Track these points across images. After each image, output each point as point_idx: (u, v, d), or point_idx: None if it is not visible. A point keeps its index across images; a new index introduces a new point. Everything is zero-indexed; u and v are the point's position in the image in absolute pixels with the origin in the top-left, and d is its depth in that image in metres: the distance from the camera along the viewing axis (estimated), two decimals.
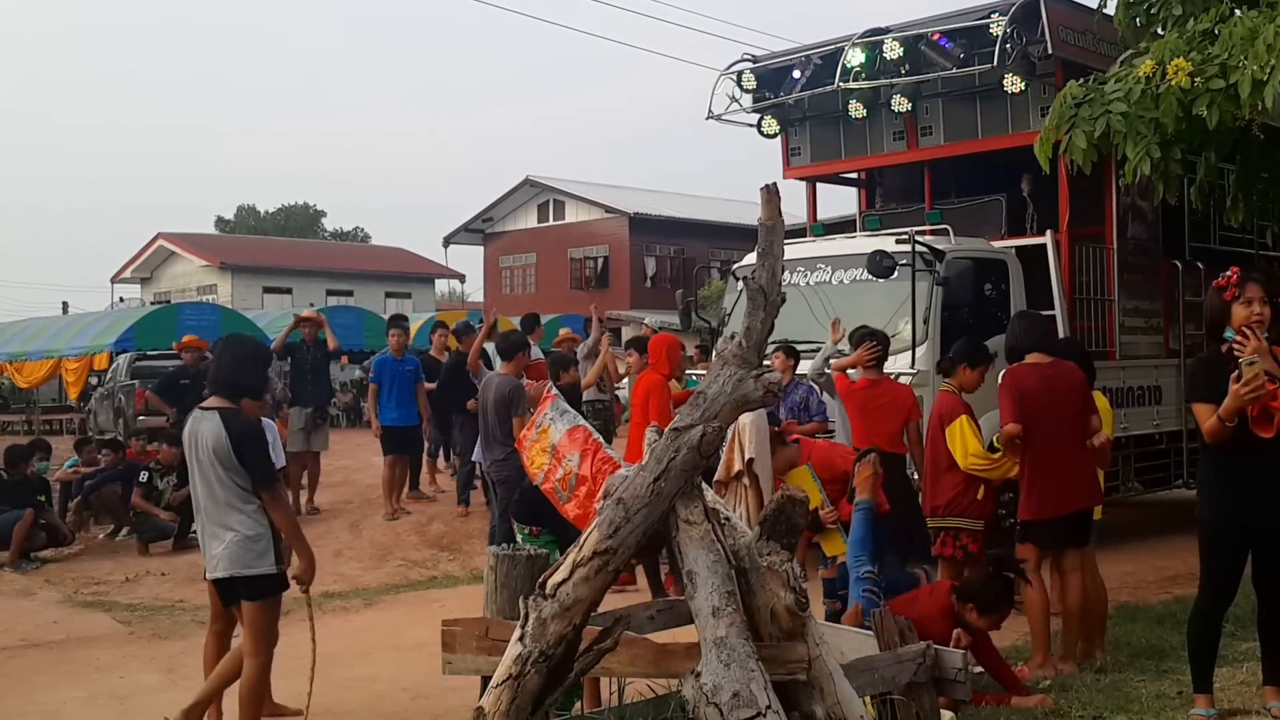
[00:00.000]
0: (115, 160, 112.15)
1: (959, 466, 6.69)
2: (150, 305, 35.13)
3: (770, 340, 4.27)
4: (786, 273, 6.69)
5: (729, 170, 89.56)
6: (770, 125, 11.99)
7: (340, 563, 10.32)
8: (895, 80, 10.75)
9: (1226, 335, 4.80)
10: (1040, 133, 7.38)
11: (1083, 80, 7.24)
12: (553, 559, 5.05)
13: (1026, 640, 6.49)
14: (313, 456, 12.27)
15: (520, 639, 3.51)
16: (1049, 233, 10.39)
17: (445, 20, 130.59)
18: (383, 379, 12.01)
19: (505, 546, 5.00)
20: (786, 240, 3.92)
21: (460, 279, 50.90)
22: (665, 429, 3.75)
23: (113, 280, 46.42)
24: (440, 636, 4.19)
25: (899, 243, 9.46)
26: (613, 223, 38.73)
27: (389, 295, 43.72)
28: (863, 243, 10.19)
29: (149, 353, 20.17)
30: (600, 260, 39.42)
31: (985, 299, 9.95)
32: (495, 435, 9.10)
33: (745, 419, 7.61)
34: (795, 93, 11.53)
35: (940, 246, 9.64)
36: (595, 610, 3.69)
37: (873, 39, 10.78)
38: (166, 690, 6.77)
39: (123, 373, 20.32)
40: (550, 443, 5.16)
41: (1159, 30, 7.65)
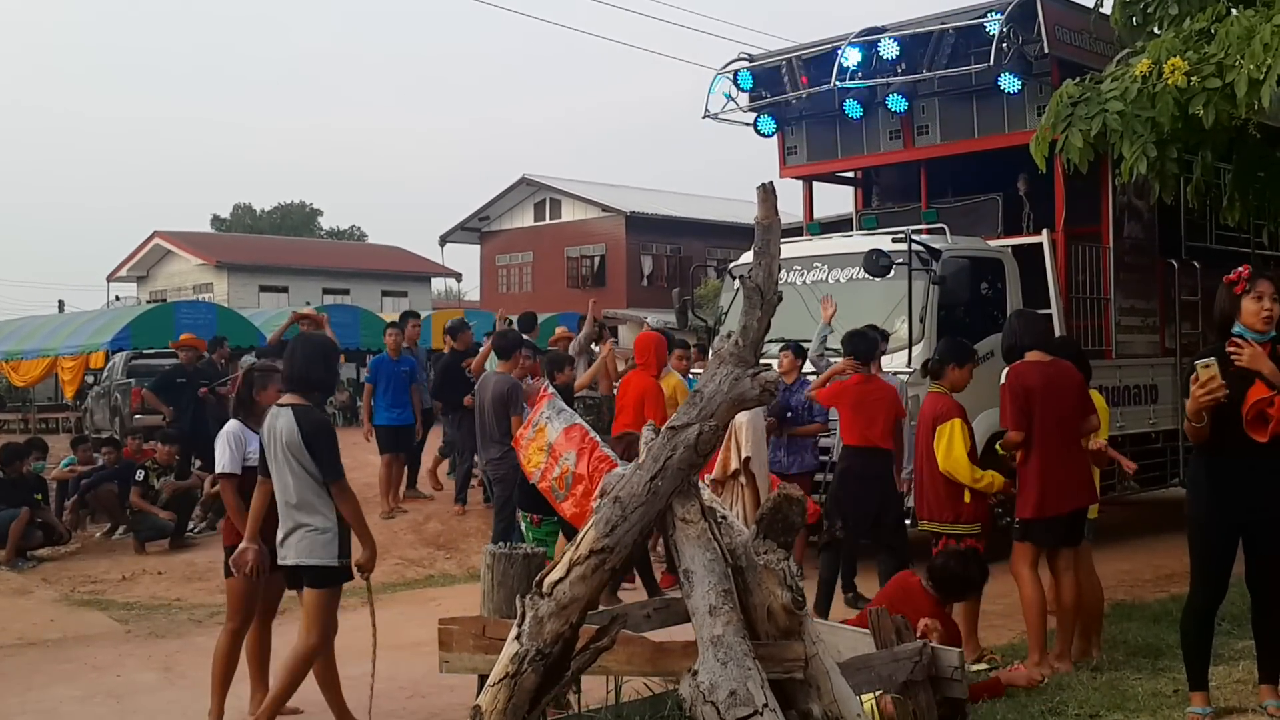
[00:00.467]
0: (111, 157, 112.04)
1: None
2: (146, 304, 35.05)
3: (772, 339, 4.28)
4: (783, 271, 6.71)
5: (726, 169, 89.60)
6: (767, 124, 12.01)
7: None
8: (892, 79, 10.76)
9: (1235, 330, 4.79)
10: (1036, 132, 7.38)
11: (1079, 79, 7.24)
12: (551, 551, 5.06)
13: (1023, 638, 6.50)
14: None
15: (517, 637, 3.51)
16: (1045, 232, 10.40)
17: (442, 18, 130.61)
18: (378, 378, 12.00)
19: (502, 545, 5.00)
20: (783, 239, 3.93)
21: (457, 278, 50.87)
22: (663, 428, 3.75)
23: (109, 279, 46.35)
24: (437, 635, 4.19)
25: (895, 242, 9.47)
26: (609, 221, 38.71)
27: (385, 294, 43.68)
28: (859, 241, 10.20)
29: (145, 351, 20.14)
30: (597, 259, 39.40)
31: (981, 298, 9.97)
32: (492, 434, 9.10)
33: (742, 417, 7.64)
34: (791, 92, 11.55)
35: (937, 245, 9.66)
36: (592, 609, 3.69)
37: (869, 38, 10.80)
38: (163, 689, 6.77)
39: (119, 371, 20.28)
40: (547, 441, 5.18)
41: (1155, 29, 7.65)
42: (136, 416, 17.11)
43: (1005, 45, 9.85)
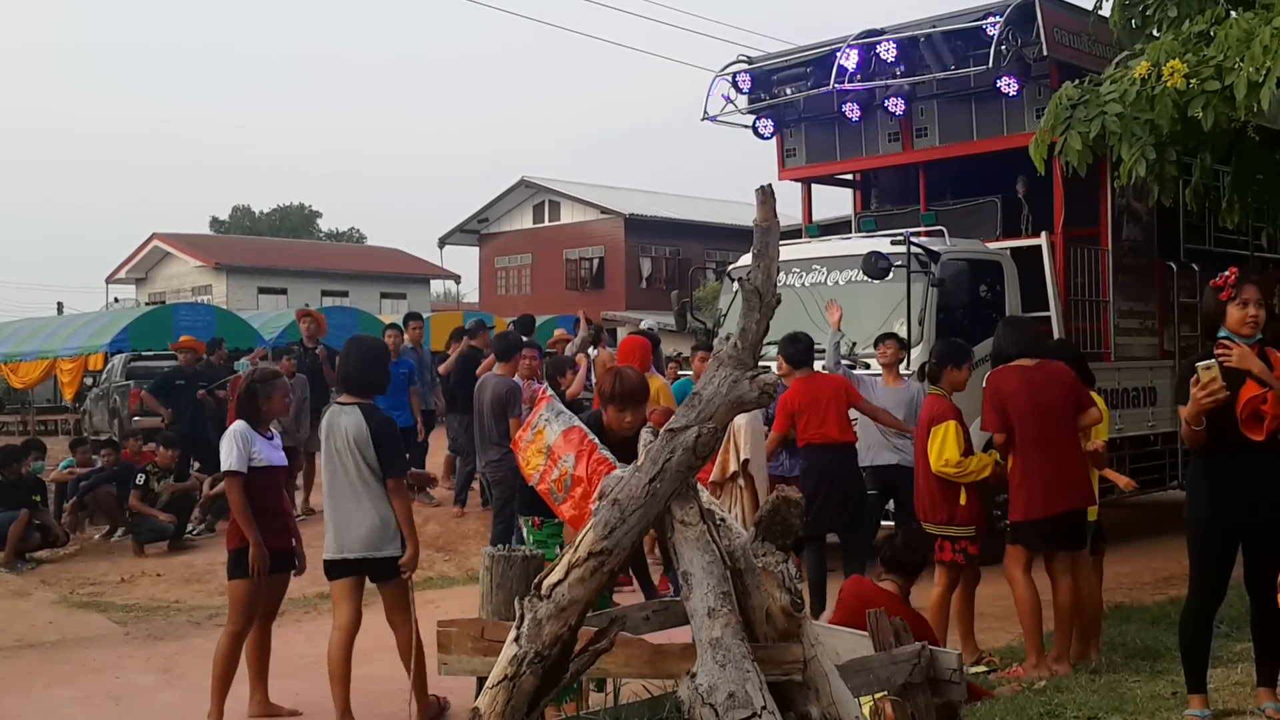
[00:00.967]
0: (110, 159, 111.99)
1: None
2: (145, 306, 35.06)
3: (771, 341, 4.28)
4: (782, 274, 6.73)
5: (725, 171, 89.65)
6: (765, 126, 12.01)
7: None
8: (890, 82, 10.77)
9: (1221, 335, 4.81)
10: (1035, 134, 7.39)
11: (1078, 82, 7.25)
12: (551, 554, 5.05)
13: (1022, 640, 6.51)
14: (308, 457, 12.25)
15: (516, 640, 3.51)
16: (1044, 234, 10.41)
17: (441, 20, 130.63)
18: None
19: (501, 547, 5.00)
20: (782, 241, 3.92)
21: (456, 280, 50.84)
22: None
23: (107, 281, 46.31)
24: (436, 637, 4.18)
25: (894, 244, 9.48)
26: (608, 224, 38.71)
27: (384, 296, 43.66)
28: (858, 244, 10.21)
29: (144, 353, 20.16)
30: (596, 261, 39.40)
31: (980, 300, 9.97)
32: (491, 436, 9.10)
33: (741, 420, 7.64)
34: (790, 94, 11.56)
35: (935, 248, 9.66)
36: (590, 611, 3.69)
37: (868, 40, 10.81)
38: (162, 690, 6.77)
39: (118, 373, 20.30)
40: (546, 444, 5.15)
41: (1154, 32, 7.66)
42: (135, 418, 17.13)
43: (1004, 47, 9.86)
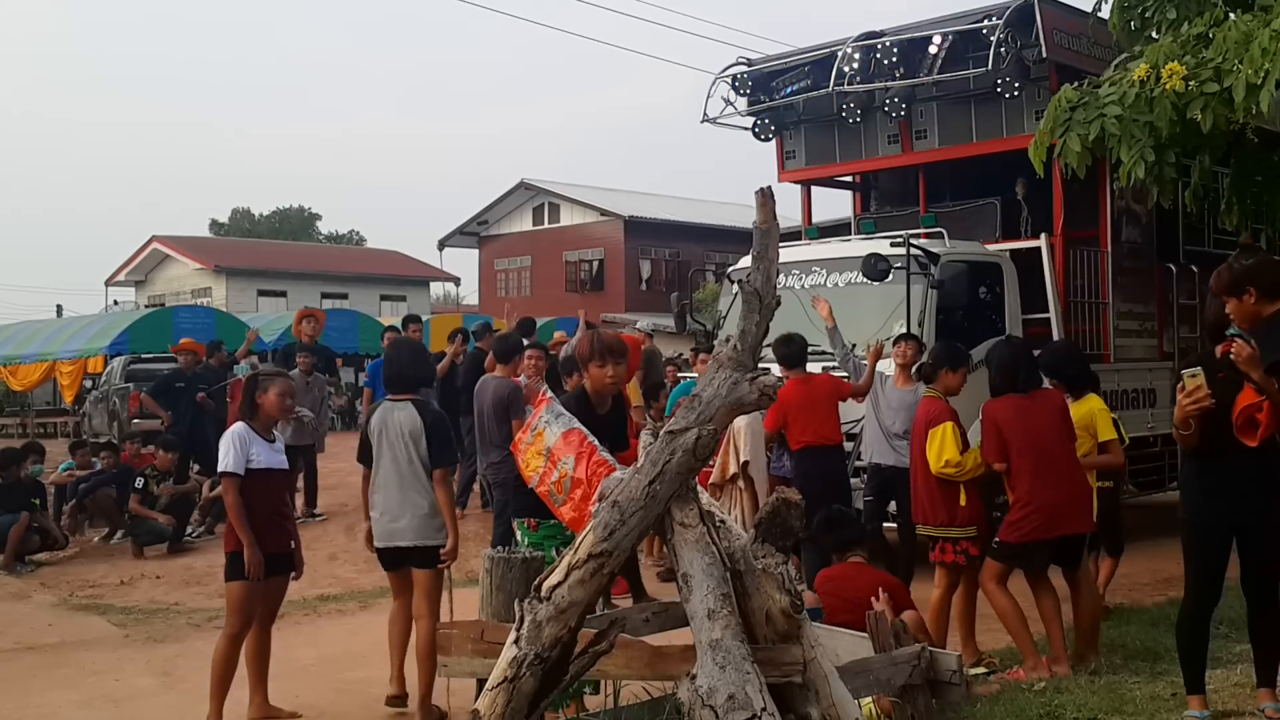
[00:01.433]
0: (109, 162, 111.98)
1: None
2: (145, 308, 35.03)
3: (770, 343, 4.29)
4: (781, 276, 6.72)
5: (724, 173, 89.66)
6: (765, 129, 12.02)
7: (335, 565, 10.32)
8: (890, 84, 10.78)
9: (1229, 332, 4.80)
10: (1035, 136, 7.40)
11: (1077, 84, 7.26)
12: (549, 556, 5.05)
13: (1013, 645, 6.51)
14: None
15: (515, 642, 3.51)
16: (1043, 236, 10.42)
17: (441, 23, 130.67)
18: (377, 382, 11.97)
19: (501, 549, 5.01)
20: (781, 243, 3.93)
21: (455, 282, 50.84)
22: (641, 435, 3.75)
23: (107, 283, 46.28)
24: (436, 639, 4.19)
25: (894, 246, 9.48)
26: (608, 226, 38.70)
27: (384, 298, 43.66)
28: (858, 246, 10.21)
29: (144, 356, 20.15)
30: (595, 263, 39.39)
31: (980, 302, 9.98)
32: (492, 438, 9.09)
33: (740, 422, 7.66)
34: (790, 96, 11.57)
35: (935, 250, 9.67)
36: (590, 613, 3.69)
37: (868, 42, 10.82)
38: (162, 693, 6.77)
39: (117, 376, 20.29)
40: (545, 446, 5.15)
41: (1153, 34, 7.67)
42: (135, 421, 17.13)
43: (1004, 50, 9.87)
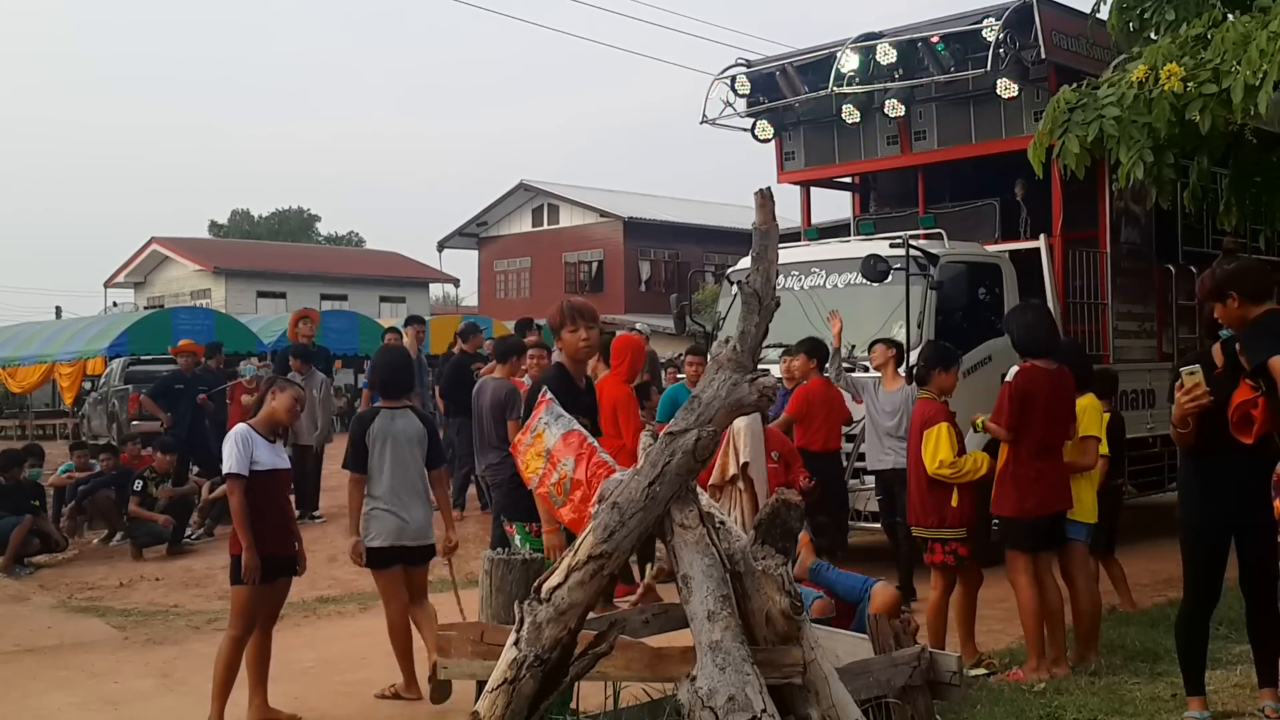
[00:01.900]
0: (108, 163, 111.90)
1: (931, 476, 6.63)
2: (144, 310, 35.04)
3: (770, 344, 4.29)
4: (781, 277, 6.72)
5: (724, 175, 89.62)
6: (764, 130, 12.02)
7: (335, 567, 10.29)
8: (889, 85, 10.78)
9: (1223, 334, 4.82)
10: (1034, 137, 7.40)
11: (1076, 85, 7.25)
12: (548, 561, 5.05)
13: (1022, 643, 6.51)
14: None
15: (515, 643, 3.51)
16: (1042, 237, 10.43)
17: (440, 24, 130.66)
18: None
19: (501, 551, 5.00)
20: (781, 244, 3.93)
21: (455, 283, 50.80)
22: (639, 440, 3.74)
23: (106, 285, 46.26)
24: (436, 641, 4.19)
25: (893, 247, 9.48)
26: (607, 227, 38.70)
27: (383, 299, 43.66)
28: (857, 247, 10.22)
29: (143, 357, 20.14)
30: (595, 264, 39.39)
31: (979, 303, 9.98)
32: (490, 439, 9.08)
33: (740, 423, 7.63)
34: (789, 97, 11.57)
35: (934, 251, 9.67)
36: (590, 614, 3.69)
37: (867, 43, 10.82)
38: (160, 696, 6.76)
39: (116, 377, 20.28)
40: (545, 447, 5.15)
41: (1152, 35, 7.67)
42: (134, 422, 17.11)
43: (1002, 51, 9.88)
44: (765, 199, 3.73)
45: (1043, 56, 9.92)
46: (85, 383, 22.52)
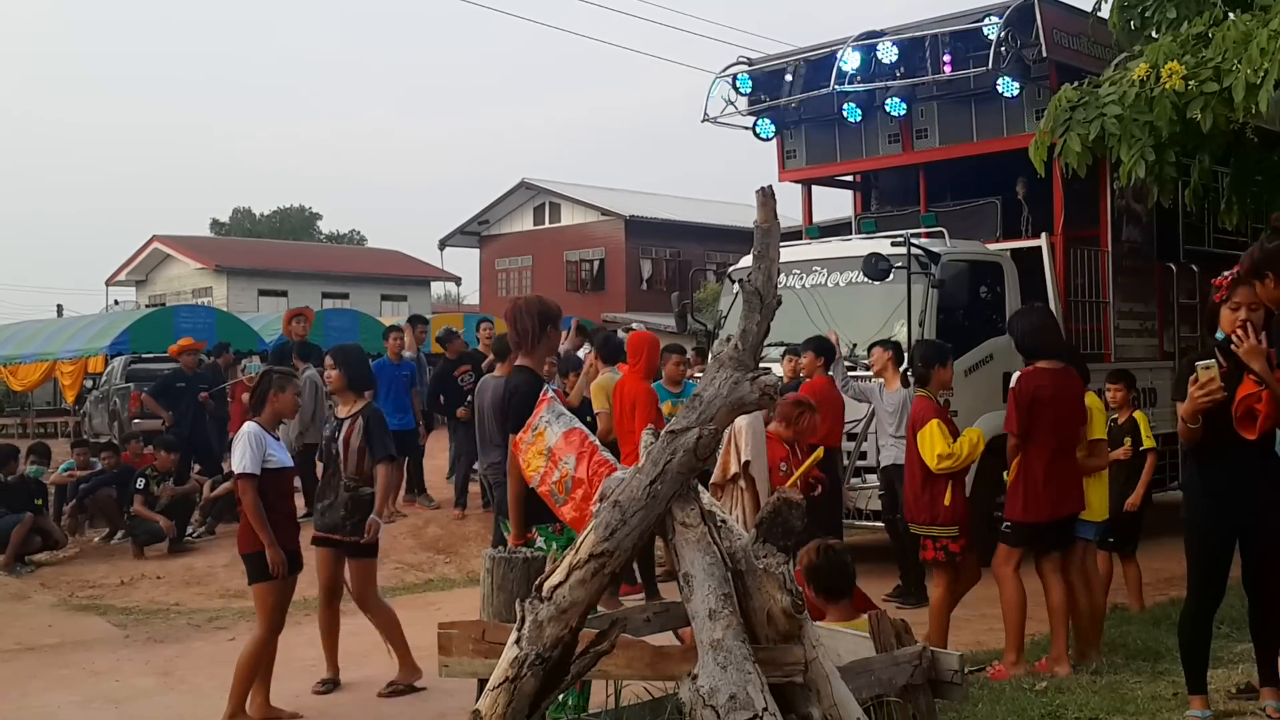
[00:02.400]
0: (110, 162, 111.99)
1: (926, 474, 6.57)
2: (145, 308, 35.02)
3: (771, 343, 4.29)
4: (782, 275, 6.72)
5: (725, 173, 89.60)
6: (765, 128, 12.02)
7: None
8: (890, 83, 10.78)
9: (1218, 337, 4.84)
10: (1035, 136, 7.40)
11: (1077, 83, 7.26)
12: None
13: (1032, 638, 6.50)
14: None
15: (517, 642, 3.51)
16: (1044, 235, 10.43)
17: (441, 22, 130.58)
18: (380, 383, 11.99)
19: (502, 549, 5.00)
20: (782, 243, 3.92)
21: (456, 282, 50.86)
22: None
23: (107, 283, 46.26)
24: (436, 639, 4.19)
25: (894, 245, 9.48)
26: (609, 225, 38.69)
27: (385, 298, 43.65)
28: (858, 245, 10.21)
29: (144, 355, 20.12)
30: (596, 263, 39.38)
31: (980, 301, 9.98)
32: (492, 438, 9.07)
33: (741, 422, 7.62)
34: (790, 95, 11.56)
35: (935, 249, 9.67)
36: (591, 613, 3.69)
37: (868, 42, 10.81)
38: (162, 694, 6.77)
39: (118, 376, 20.26)
40: (546, 445, 5.14)
41: (1153, 34, 7.67)
42: (135, 421, 17.10)
43: (1004, 49, 9.87)
44: (766, 197, 3.72)
45: (1044, 55, 9.92)
46: (86, 381, 22.50)
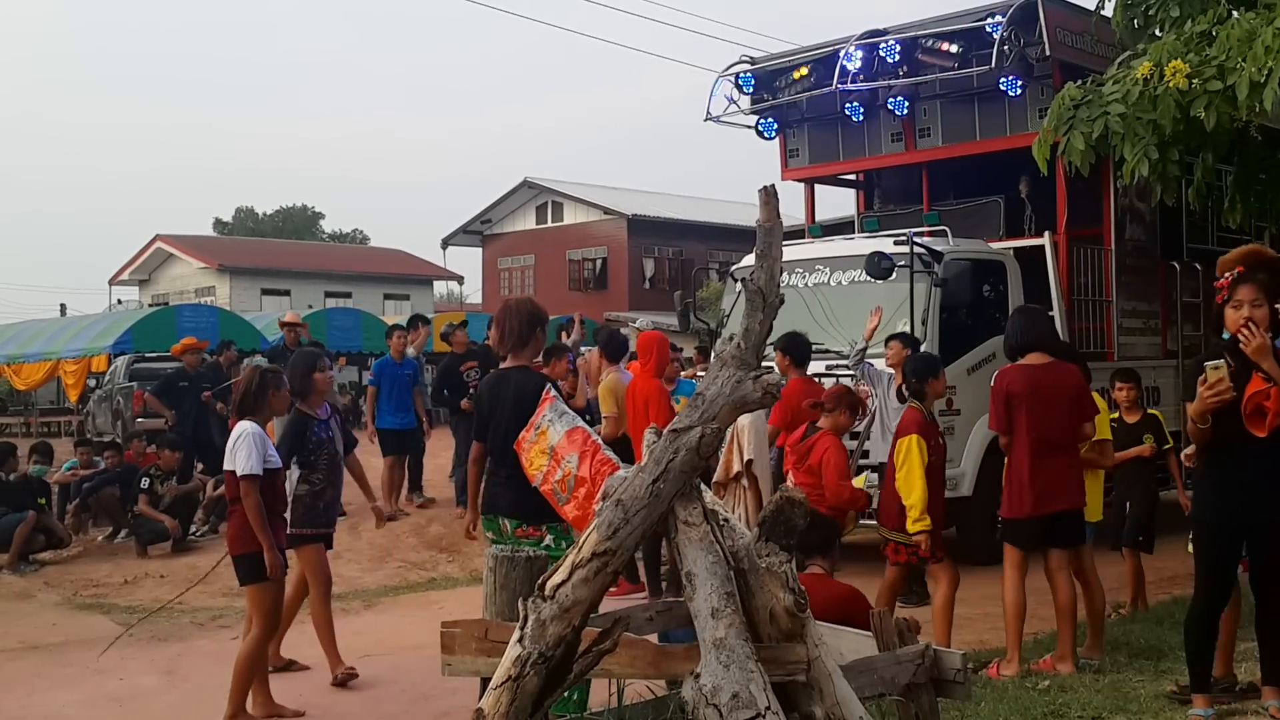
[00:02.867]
0: (113, 162, 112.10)
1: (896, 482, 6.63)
2: (149, 307, 35.06)
3: (773, 342, 4.28)
4: (785, 274, 6.72)
5: (727, 172, 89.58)
6: (768, 127, 12.01)
7: (339, 564, 10.30)
8: (893, 82, 10.77)
9: (1224, 338, 4.83)
10: (1038, 134, 7.39)
11: (1081, 82, 7.24)
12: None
13: (1039, 638, 6.51)
14: None
15: (519, 640, 3.51)
16: (1047, 234, 10.42)
17: (443, 23, 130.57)
18: (382, 382, 12.01)
19: (504, 548, 5.00)
20: (785, 242, 3.92)
21: (459, 281, 50.90)
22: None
23: (111, 282, 46.30)
24: (439, 638, 4.19)
25: (897, 244, 9.47)
26: (611, 224, 38.69)
27: (387, 297, 43.67)
28: (861, 244, 10.21)
29: (147, 355, 20.14)
30: (599, 262, 39.39)
31: (983, 300, 9.97)
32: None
33: (744, 420, 7.63)
34: (793, 94, 11.56)
35: (938, 248, 9.66)
36: (594, 612, 3.69)
37: (871, 40, 10.81)
38: (166, 692, 6.78)
39: (121, 375, 20.29)
40: (549, 444, 5.15)
41: (1157, 32, 7.65)
42: (139, 420, 17.12)
43: (1007, 48, 9.86)
44: (769, 196, 3.72)
45: (1047, 53, 9.91)
46: (90, 380, 22.52)
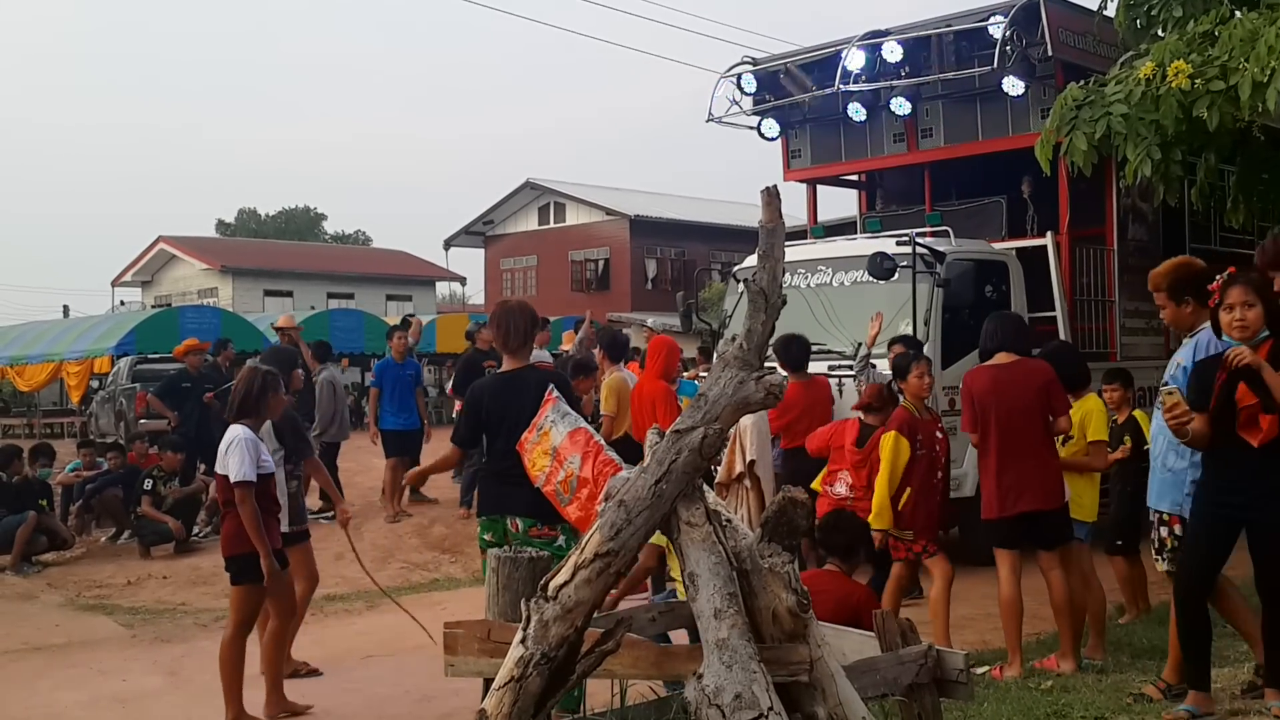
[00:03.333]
0: (115, 164, 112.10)
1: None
2: (151, 309, 35.08)
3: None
4: (787, 275, 6.72)
5: (730, 173, 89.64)
6: (770, 127, 12.01)
7: (342, 565, 10.30)
8: (895, 82, 10.77)
9: (1225, 341, 4.84)
10: (1041, 135, 7.39)
11: (1083, 82, 7.24)
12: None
13: (1038, 638, 6.50)
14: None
15: (522, 641, 3.51)
16: (1049, 234, 10.41)
17: (446, 24, 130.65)
18: (384, 383, 12.01)
19: (507, 549, 5.00)
20: (787, 242, 3.92)
21: (461, 281, 50.92)
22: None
23: (113, 284, 46.33)
24: (442, 639, 4.19)
25: (899, 245, 9.47)
26: (613, 225, 38.69)
27: (390, 298, 43.68)
28: (863, 245, 10.19)
29: (150, 356, 20.16)
30: (601, 263, 39.39)
31: (986, 300, 9.95)
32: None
33: (746, 421, 7.64)
34: (795, 95, 11.56)
35: (941, 248, 9.65)
36: (597, 612, 3.69)
37: (873, 41, 10.81)
38: (169, 693, 6.79)
39: (124, 376, 20.31)
40: (551, 445, 5.16)
41: (1159, 32, 7.65)
42: (141, 421, 17.14)
43: (1009, 48, 9.86)
44: (771, 197, 3.72)
45: (1049, 54, 9.90)
46: (93, 381, 22.56)
